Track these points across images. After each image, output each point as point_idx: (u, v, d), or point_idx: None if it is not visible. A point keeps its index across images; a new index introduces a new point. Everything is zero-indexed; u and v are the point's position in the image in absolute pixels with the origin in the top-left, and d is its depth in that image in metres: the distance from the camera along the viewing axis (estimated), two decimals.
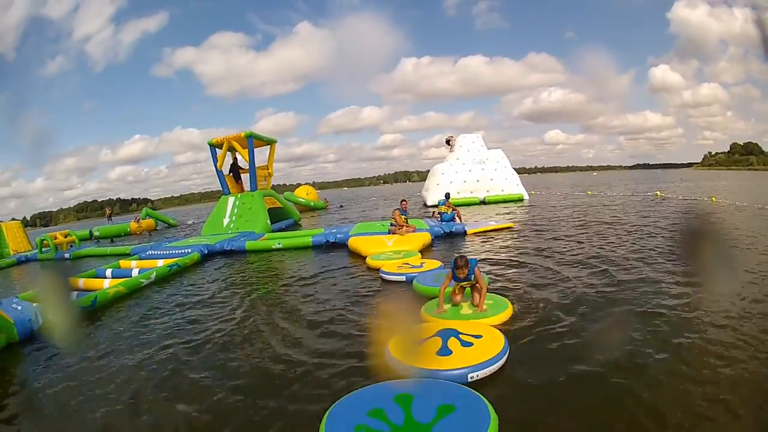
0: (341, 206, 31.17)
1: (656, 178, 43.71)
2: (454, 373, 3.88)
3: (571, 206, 19.54)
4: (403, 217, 11.79)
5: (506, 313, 5.40)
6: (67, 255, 14.41)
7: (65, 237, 16.27)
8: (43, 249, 14.74)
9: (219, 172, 18.85)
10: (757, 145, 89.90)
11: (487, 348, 4.26)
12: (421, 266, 8.16)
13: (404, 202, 12.81)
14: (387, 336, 4.65)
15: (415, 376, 3.93)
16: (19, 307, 6.33)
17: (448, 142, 27.61)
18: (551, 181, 51.44)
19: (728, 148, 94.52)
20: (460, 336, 4.60)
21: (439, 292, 5.78)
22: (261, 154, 19.85)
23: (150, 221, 24.78)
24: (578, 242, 10.09)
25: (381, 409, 3.35)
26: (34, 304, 6.47)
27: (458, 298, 5.83)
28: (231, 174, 19.28)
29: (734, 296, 5.40)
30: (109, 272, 9.87)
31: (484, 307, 5.46)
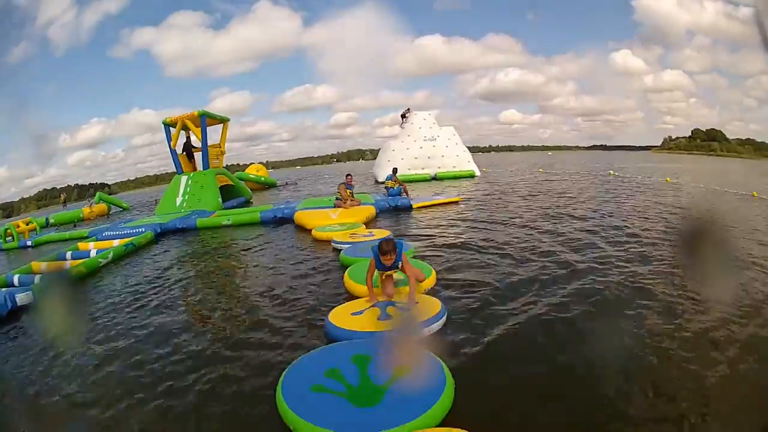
0: (295, 183, 31.21)
1: (612, 159, 44.53)
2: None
3: (521, 183, 20.21)
4: (348, 191, 12.22)
5: (430, 280, 5.64)
6: (29, 243, 14.30)
7: (27, 225, 16.17)
8: (7, 239, 14.61)
9: (173, 152, 18.81)
10: (720, 131, 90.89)
11: (426, 310, 4.52)
12: (371, 235, 8.59)
13: (349, 177, 13.19)
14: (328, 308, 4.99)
15: (358, 339, 4.10)
16: None
17: (403, 116, 27.66)
18: (506, 160, 52.09)
19: (690, 134, 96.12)
20: (397, 304, 4.85)
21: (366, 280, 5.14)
22: (215, 134, 19.91)
23: (102, 206, 24.36)
24: (521, 217, 10.66)
25: (337, 369, 3.46)
26: (3, 290, 6.67)
27: (390, 289, 5.10)
28: (184, 153, 19.24)
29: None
30: (69, 254, 10.00)
31: (413, 303, 4.77)
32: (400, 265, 4.97)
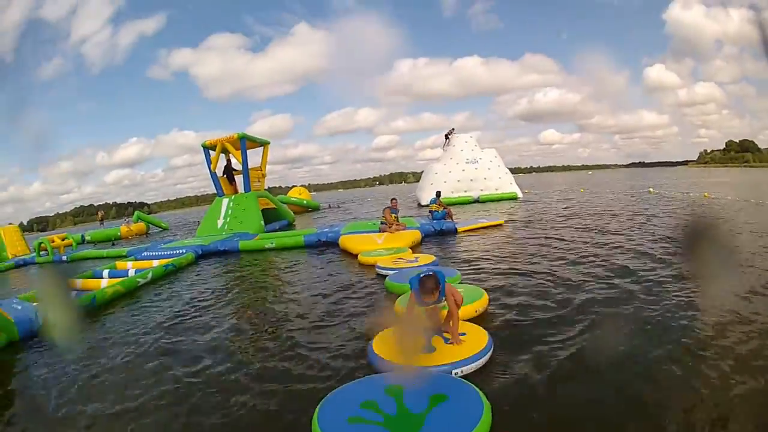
0: (338, 206, 31.03)
1: (651, 176, 43.63)
2: (438, 370, 3.85)
3: (564, 203, 19.67)
4: (393, 215, 11.92)
5: (481, 301, 5.36)
6: (64, 258, 14.44)
7: (62, 240, 16.33)
8: (41, 252, 14.76)
9: (213, 174, 18.95)
10: (753, 142, 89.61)
11: (471, 344, 4.21)
12: (416, 260, 8.27)
13: (394, 201, 12.93)
14: (372, 334, 4.69)
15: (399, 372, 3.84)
16: (19, 307, 6.34)
17: (447, 136, 27.49)
18: (546, 181, 51.48)
19: (724, 146, 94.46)
20: (444, 334, 4.54)
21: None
22: (255, 156, 19.98)
23: (141, 225, 24.62)
24: (567, 238, 10.19)
25: (373, 400, 3.33)
26: (34, 304, 6.55)
27: (436, 322, 4.61)
28: (225, 176, 19.36)
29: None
30: (106, 273, 9.93)
31: (460, 338, 4.31)
32: (443, 300, 4.40)
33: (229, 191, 18.99)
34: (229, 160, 19.47)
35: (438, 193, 15.03)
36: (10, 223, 18.73)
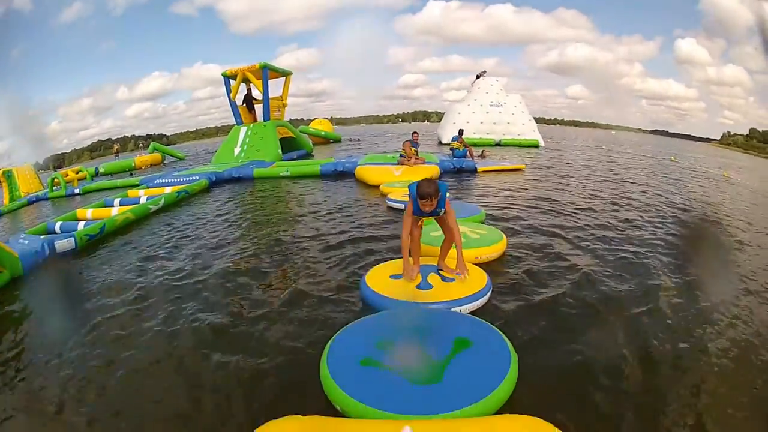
0: (358, 140, 30.42)
1: (674, 144, 42.58)
2: (433, 308, 3.69)
3: (586, 158, 19.02)
4: (413, 149, 11.61)
5: (500, 244, 5.15)
6: (77, 191, 14.33)
7: (76, 173, 16.25)
8: (54, 187, 14.67)
9: (232, 103, 18.68)
10: None
11: (469, 284, 4.02)
12: None
13: (415, 134, 12.59)
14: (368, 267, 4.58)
15: (393, 308, 3.69)
16: (26, 242, 6.24)
17: (478, 76, 26.74)
18: (570, 134, 50.32)
19: (747, 132, 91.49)
20: (441, 272, 4.36)
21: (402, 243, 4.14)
22: (277, 87, 19.60)
23: (156, 155, 24.27)
24: (584, 192, 9.76)
25: (391, 341, 3.10)
26: (41, 237, 6.46)
27: (417, 244, 4.28)
28: (244, 104, 19.08)
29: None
30: (117, 201, 9.79)
31: (463, 274, 4.07)
32: (442, 212, 4.05)
33: (248, 120, 18.73)
34: (249, 90, 19.14)
35: (461, 131, 14.58)
36: (25, 163, 18.54)
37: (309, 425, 2.33)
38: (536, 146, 23.40)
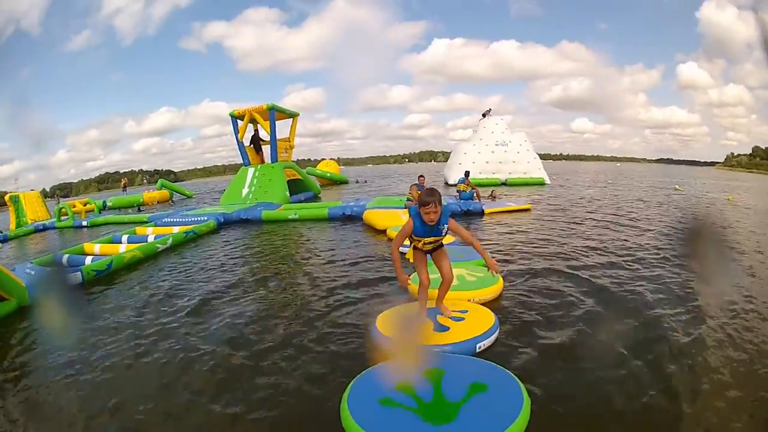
0: (364, 181, 30.51)
1: (677, 172, 42.83)
2: (462, 345, 3.76)
3: (592, 193, 19.12)
4: (419, 192, 11.66)
5: (496, 287, 5.16)
6: (84, 222, 14.47)
7: (84, 205, 16.41)
8: (62, 218, 14.78)
9: (240, 143, 18.93)
10: None
11: (480, 320, 4.14)
12: None
13: (422, 178, 12.71)
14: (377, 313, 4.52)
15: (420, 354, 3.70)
16: (33, 272, 6.32)
17: (484, 115, 27.16)
18: (575, 169, 50.59)
19: (750, 151, 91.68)
20: (448, 312, 4.39)
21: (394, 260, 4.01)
22: (285, 128, 19.87)
23: (164, 192, 24.46)
24: (591, 229, 9.83)
25: (409, 383, 3.16)
26: (48, 269, 6.51)
27: (424, 273, 4.08)
28: (252, 145, 19.30)
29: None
30: (125, 238, 9.85)
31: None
32: (445, 230, 3.86)
33: (255, 161, 18.93)
34: (256, 130, 19.41)
35: (467, 173, 14.65)
36: (32, 190, 18.80)
37: None
38: (542, 184, 23.51)
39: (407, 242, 4.12)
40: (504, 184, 23.26)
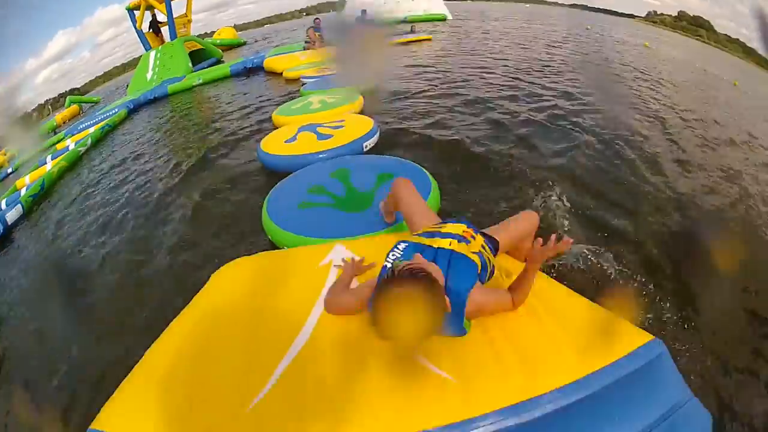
0: (263, 39, 29.61)
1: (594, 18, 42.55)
2: (349, 146, 4.17)
3: (492, 29, 19.49)
4: (317, 33, 11.95)
5: (357, 102, 5.74)
6: (9, 170, 14.05)
7: (4, 155, 15.87)
8: None
9: (139, 32, 18.20)
10: (708, 21, 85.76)
11: (360, 125, 4.58)
12: None
13: (318, 20, 12.87)
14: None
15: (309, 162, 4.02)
16: None
17: None
18: (481, 9, 50.05)
19: (676, 14, 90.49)
20: (325, 125, 4.76)
21: None
22: (181, 6, 19.13)
23: (74, 107, 23.56)
24: (492, 55, 10.63)
25: (320, 185, 3.37)
26: None
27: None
28: (150, 30, 18.68)
29: None
30: (49, 158, 9.62)
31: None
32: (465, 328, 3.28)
33: (156, 44, 18.36)
34: (154, 15, 18.65)
35: (363, 11, 14.77)
36: None
37: (257, 262, 2.55)
38: (444, 20, 23.53)
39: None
40: (404, 21, 22.55)
